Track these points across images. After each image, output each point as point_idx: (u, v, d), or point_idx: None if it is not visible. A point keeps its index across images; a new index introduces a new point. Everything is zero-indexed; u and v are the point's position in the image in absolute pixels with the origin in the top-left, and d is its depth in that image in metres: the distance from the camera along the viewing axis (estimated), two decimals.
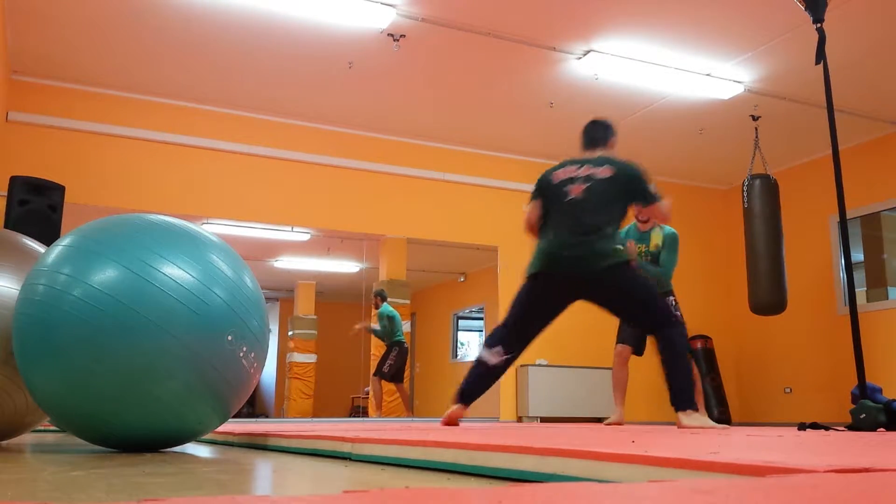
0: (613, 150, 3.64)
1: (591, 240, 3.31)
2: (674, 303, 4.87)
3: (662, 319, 3.35)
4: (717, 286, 8.38)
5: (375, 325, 7.79)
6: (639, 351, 4.89)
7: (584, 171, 3.45)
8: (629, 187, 3.44)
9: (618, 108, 6.53)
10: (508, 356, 3.44)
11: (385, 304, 7.68)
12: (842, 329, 6.86)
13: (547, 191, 3.53)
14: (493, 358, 3.44)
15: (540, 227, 3.54)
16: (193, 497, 0.93)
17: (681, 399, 3.26)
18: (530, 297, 3.46)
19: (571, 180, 3.45)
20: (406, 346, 7.67)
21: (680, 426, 3.26)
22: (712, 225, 8.49)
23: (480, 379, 3.46)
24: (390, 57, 5.58)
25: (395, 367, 7.54)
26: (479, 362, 3.47)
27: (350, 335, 7.96)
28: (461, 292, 8.94)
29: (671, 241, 4.83)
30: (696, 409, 3.29)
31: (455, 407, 3.41)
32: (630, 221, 4.87)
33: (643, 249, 4.84)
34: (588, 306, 3.51)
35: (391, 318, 7.62)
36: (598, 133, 3.64)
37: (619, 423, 4.83)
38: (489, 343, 3.49)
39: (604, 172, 3.42)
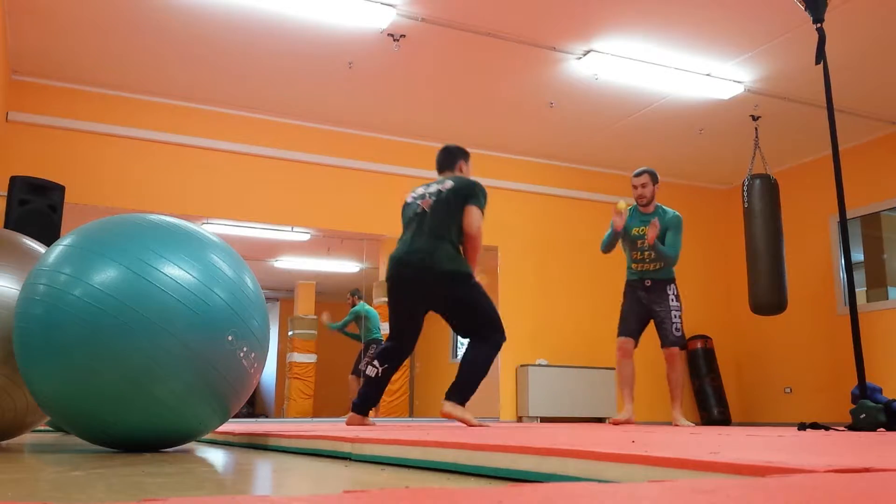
0: (463, 173, 3.99)
1: (435, 245, 3.63)
2: (676, 293, 4.84)
3: (487, 325, 3.67)
4: (717, 286, 8.38)
5: (330, 321, 7.96)
6: (636, 343, 4.91)
7: (432, 189, 3.80)
8: (465, 193, 3.74)
9: (618, 108, 6.53)
10: (387, 366, 3.76)
11: (361, 302, 7.73)
12: (842, 329, 6.86)
13: (403, 210, 3.90)
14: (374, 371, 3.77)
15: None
16: (193, 497, 0.93)
17: (455, 391, 3.59)
18: (390, 301, 3.80)
19: (422, 196, 3.81)
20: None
21: (442, 413, 3.60)
22: (712, 225, 8.49)
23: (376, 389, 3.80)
24: (390, 57, 5.58)
25: None
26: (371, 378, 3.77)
27: (323, 322, 8.22)
28: None
29: (677, 223, 4.83)
30: (463, 405, 3.58)
31: (351, 416, 3.74)
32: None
33: (641, 231, 4.83)
34: (588, 306, 3.51)
35: (367, 317, 7.65)
36: (444, 159, 4.01)
37: (629, 422, 4.69)
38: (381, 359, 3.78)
39: (446, 186, 3.78)
